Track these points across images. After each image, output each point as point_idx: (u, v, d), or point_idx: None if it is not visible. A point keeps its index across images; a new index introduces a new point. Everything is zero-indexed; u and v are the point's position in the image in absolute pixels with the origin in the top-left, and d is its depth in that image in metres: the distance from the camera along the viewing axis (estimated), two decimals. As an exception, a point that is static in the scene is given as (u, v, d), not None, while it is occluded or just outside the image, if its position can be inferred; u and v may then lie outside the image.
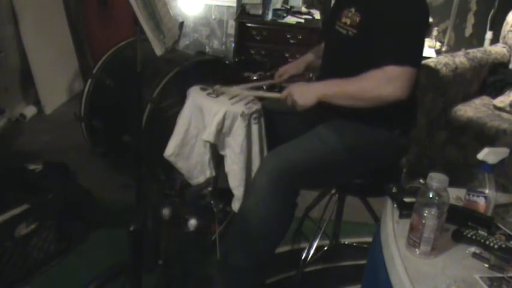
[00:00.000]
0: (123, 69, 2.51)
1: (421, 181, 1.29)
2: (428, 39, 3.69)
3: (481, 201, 1.29)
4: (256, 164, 1.77)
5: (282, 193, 1.56)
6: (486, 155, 1.27)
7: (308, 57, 2.06)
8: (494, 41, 3.48)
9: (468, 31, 3.81)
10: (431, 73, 2.65)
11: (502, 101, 2.78)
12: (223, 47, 4.24)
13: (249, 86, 1.94)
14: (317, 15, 3.81)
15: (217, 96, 1.80)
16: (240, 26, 3.60)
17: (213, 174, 1.84)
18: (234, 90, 1.83)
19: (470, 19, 3.78)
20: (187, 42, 4.21)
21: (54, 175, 2.16)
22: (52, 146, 2.95)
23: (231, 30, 4.08)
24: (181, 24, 2.96)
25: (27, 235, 1.89)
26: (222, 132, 1.73)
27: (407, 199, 1.28)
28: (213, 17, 4.18)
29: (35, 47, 3.23)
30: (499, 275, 1.10)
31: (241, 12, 3.71)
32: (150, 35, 1.45)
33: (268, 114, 1.81)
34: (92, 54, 3.84)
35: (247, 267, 1.64)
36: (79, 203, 2.17)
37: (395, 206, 1.32)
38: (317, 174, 1.67)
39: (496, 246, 1.13)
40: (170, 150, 1.82)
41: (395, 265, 1.11)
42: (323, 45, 1.93)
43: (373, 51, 1.57)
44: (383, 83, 1.54)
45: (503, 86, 2.90)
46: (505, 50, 3.14)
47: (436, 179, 1.12)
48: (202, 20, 4.19)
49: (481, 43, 3.67)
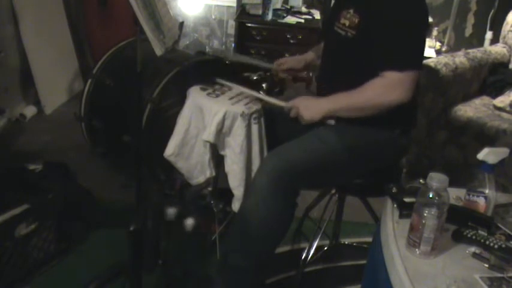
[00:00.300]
0: (123, 69, 2.51)
1: (421, 181, 1.29)
2: (428, 39, 3.69)
3: (481, 201, 1.29)
4: (256, 164, 1.77)
5: (282, 193, 1.56)
6: (486, 155, 1.27)
7: (309, 56, 2.05)
8: (494, 41, 3.48)
9: (468, 31, 3.81)
10: (431, 73, 2.65)
11: (502, 101, 2.78)
12: (223, 47, 4.24)
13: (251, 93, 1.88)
14: (317, 15, 3.81)
15: (217, 96, 1.80)
16: (240, 26, 3.60)
17: (213, 174, 1.84)
18: (237, 88, 1.83)
19: (470, 19, 3.78)
20: (187, 42, 4.21)
21: (54, 175, 2.16)
22: (52, 146, 2.95)
23: (231, 30, 4.08)
24: (181, 24, 2.95)
25: (27, 235, 1.89)
26: (222, 132, 1.73)
27: (407, 199, 1.28)
28: (213, 17, 4.18)
29: (35, 47, 3.23)
30: (499, 275, 1.10)
31: (241, 12, 3.71)
32: (150, 35, 1.45)
33: (268, 114, 1.81)
34: (92, 54, 3.83)
35: (247, 267, 1.64)
36: (79, 203, 2.17)
37: (395, 206, 1.32)
38: (317, 174, 1.66)
39: (496, 246, 1.13)
40: (170, 150, 1.82)
41: (395, 265, 1.11)
42: (322, 44, 1.93)
43: (373, 53, 1.57)
44: (386, 91, 1.56)
45: (503, 86, 2.90)
46: (505, 50, 3.14)
47: (436, 179, 1.12)
48: (202, 20, 4.19)
49: (481, 43, 3.67)
